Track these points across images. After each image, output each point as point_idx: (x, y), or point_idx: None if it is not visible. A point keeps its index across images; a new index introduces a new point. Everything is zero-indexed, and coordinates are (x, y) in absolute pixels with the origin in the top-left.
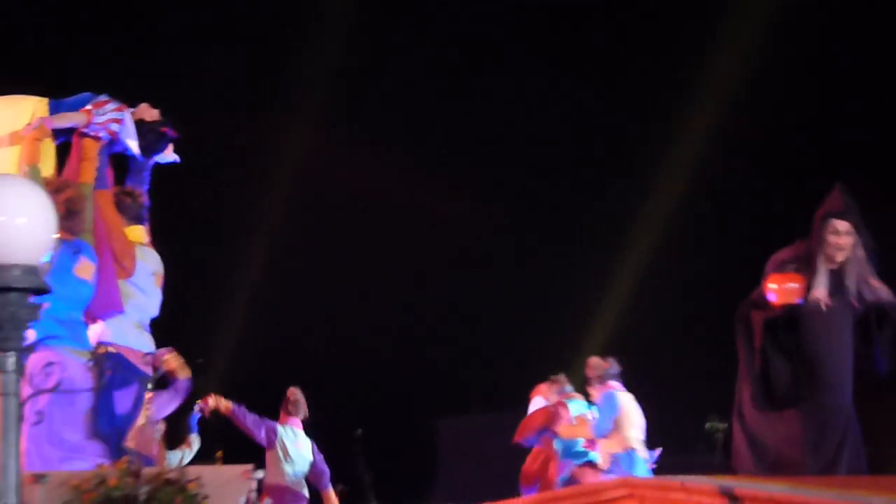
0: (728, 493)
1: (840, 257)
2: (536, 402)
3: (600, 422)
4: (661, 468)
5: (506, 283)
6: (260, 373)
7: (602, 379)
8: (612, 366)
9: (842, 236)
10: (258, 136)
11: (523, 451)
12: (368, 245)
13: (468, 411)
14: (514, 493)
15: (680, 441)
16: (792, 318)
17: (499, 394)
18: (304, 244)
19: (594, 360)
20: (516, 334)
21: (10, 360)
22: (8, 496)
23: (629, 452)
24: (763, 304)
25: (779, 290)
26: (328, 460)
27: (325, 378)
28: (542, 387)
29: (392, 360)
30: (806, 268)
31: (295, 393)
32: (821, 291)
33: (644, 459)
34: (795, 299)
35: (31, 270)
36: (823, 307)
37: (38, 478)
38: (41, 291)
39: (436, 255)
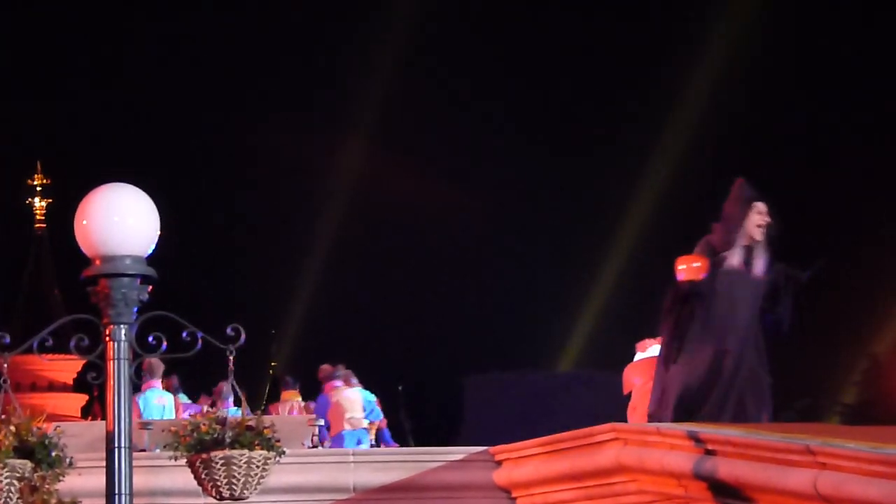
0: (694, 437)
1: (759, 235)
2: (641, 354)
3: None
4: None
5: (519, 273)
6: (320, 343)
7: (328, 379)
8: (338, 370)
9: (764, 216)
10: (320, 148)
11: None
12: (410, 240)
13: (488, 371)
14: (526, 435)
15: None
16: (705, 288)
17: (512, 357)
18: (358, 239)
19: (324, 367)
20: (527, 312)
21: (122, 331)
22: (121, 439)
23: (348, 431)
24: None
25: (686, 268)
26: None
27: (375, 346)
28: (646, 341)
29: (428, 332)
30: (716, 249)
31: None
32: (736, 260)
33: (364, 430)
34: (699, 276)
35: (139, 260)
36: (737, 273)
37: (145, 425)
38: (147, 277)
39: (465, 249)
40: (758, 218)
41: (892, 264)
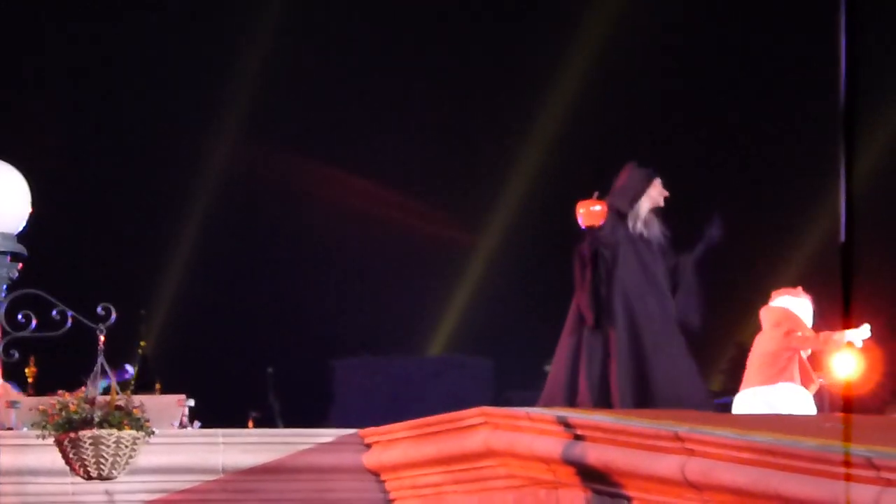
0: (563, 422)
1: (660, 203)
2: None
3: None
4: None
5: (389, 256)
6: (190, 325)
7: None
8: None
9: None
10: (190, 128)
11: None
12: (281, 222)
13: (358, 355)
14: (396, 418)
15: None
16: (610, 252)
17: (382, 342)
18: (228, 221)
19: None
20: (397, 297)
21: None
22: None
23: None
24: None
25: (585, 213)
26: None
27: (246, 329)
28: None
29: (299, 315)
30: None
31: None
32: (641, 226)
33: None
34: (599, 221)
35: (9, 237)
36: (641, 238)
37: (13, 404)
38: (17, 254)
39: (336, 231)
40: (660, 189)
41: (757, 251)
